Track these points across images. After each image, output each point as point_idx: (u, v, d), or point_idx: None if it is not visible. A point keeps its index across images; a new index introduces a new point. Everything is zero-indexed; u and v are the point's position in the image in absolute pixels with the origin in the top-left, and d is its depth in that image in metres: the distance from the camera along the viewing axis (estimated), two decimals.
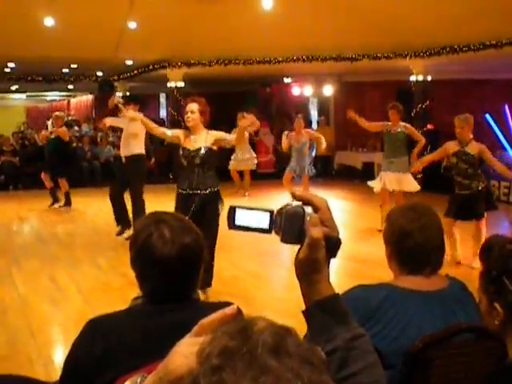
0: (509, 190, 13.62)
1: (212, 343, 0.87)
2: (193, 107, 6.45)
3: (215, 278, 6.81)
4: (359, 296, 2.40)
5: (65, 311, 6.37)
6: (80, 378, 1.94)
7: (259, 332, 0.87)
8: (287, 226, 1.24)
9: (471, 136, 7.87)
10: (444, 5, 11.98)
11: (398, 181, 9.72)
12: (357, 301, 2.31)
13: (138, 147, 10.01)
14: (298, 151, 12.25)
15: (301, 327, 1.28)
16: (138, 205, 9.72)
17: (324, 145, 12.22)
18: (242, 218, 1.27)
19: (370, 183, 10.41)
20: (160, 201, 10.36)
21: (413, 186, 9.89)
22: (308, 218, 1.24)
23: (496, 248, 1.98)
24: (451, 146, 8.02)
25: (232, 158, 15.00)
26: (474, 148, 7.80)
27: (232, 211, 1.28)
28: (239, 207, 1.28)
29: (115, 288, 6.98)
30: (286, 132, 12.45)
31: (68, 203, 13.68)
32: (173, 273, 2.07)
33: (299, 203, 1.27)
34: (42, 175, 13.64)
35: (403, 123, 9.87)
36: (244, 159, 15.11)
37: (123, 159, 10.00)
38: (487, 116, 15.02)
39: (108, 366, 1.88)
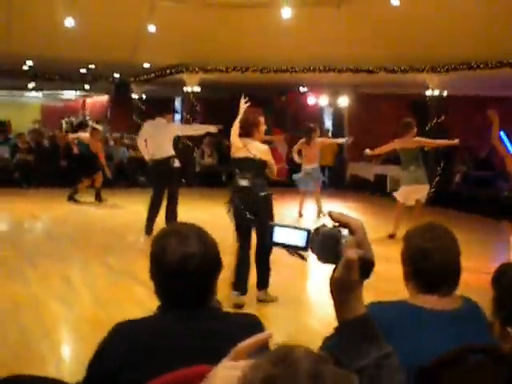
0: None
1: (254, 369, 0.94)
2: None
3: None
4: (372, 313, 2.43)
5: (76, 311, 6.39)
6: (104, 378, 1.99)
7: (298, 360, 0.94)
8: (323, 246, 1.32)
9: None
10: (462, 22, 12.02)
11: (413, 192, 9.97)
12: None
13: (170, 150, 10.31)
14: None
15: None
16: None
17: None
18: (280, 235, 1.35)
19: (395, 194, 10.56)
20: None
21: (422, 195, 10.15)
22: (344, 240, 1.31)
23: (508, 274, 2.02)
24: None
25: None
26: None
27: (271, 228, 1.35)
28: (278, 225, 1.36)
29: (124, 289, 7.02)
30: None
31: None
32: (175, 280, 2.14)
33: (336, 224, 1.33)
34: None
35: (416, 138, 10.13)
36: None
37: (152, 162, 10.28)
38: (501, 133, 14.98)
39: (132, 369, 1.94)
